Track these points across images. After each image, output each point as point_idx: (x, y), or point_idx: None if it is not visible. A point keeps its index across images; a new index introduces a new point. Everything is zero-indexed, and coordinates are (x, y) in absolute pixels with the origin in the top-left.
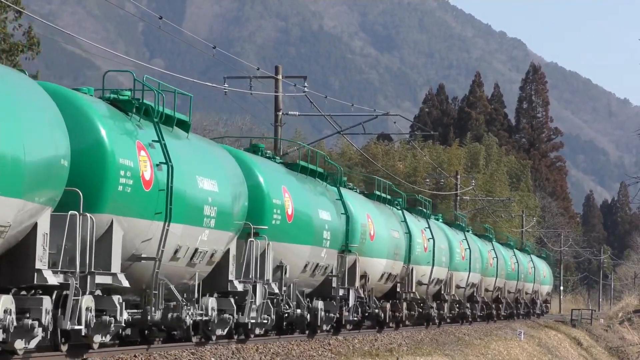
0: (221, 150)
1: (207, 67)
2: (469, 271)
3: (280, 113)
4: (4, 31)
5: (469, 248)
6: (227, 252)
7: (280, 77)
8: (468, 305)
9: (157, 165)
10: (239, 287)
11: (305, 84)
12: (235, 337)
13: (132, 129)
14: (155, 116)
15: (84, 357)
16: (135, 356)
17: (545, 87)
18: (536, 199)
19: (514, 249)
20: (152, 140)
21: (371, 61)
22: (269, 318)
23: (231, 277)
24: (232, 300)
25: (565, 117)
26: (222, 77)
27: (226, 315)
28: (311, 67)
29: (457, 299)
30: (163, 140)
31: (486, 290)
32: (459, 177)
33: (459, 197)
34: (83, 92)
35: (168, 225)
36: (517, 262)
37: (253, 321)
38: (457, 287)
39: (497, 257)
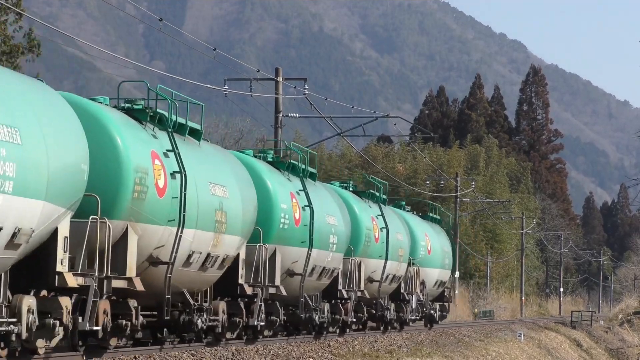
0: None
1: (208, 69)
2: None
3: (281, 115)
4: (5, 33)
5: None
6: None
7: (280, 79)
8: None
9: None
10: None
11: (306, 86)
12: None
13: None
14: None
15: (99, 358)
16: (135, 357)
17: (545, 89)
18: (536, 201)
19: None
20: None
21: (371, 63)
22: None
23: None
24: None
25: (565, 119)
26: (222, 79)
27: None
28: (311, 69)
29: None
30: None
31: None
32: (459, 179)
33: (459, 199)
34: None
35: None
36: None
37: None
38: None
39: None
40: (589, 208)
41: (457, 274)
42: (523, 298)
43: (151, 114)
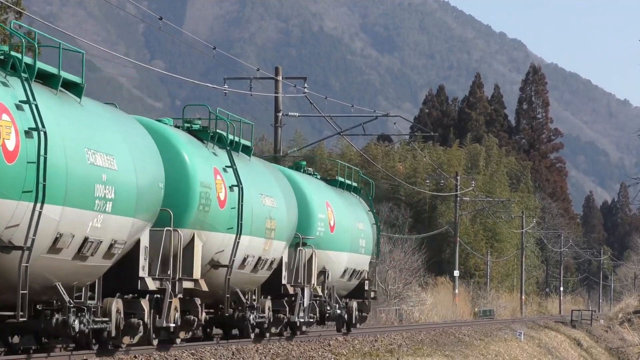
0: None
1: (208, 68)
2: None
3: (280, 114)
4: (5, 32)
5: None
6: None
7: (280, 78)
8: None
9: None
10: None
11: (306, 85)
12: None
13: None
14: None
15: (85, 358)
16: (135, 357)
17: (545, 88)
18: (536, 200)
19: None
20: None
21: (371, 62)
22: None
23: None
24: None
25: (565, 118)
26: (222, 78)
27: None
28: (311, 68)
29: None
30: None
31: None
32: (459, 178)
33: (459, 198)
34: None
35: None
36: None
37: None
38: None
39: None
40: (589, 207)
41: (456, 273)
42: (523, 297)
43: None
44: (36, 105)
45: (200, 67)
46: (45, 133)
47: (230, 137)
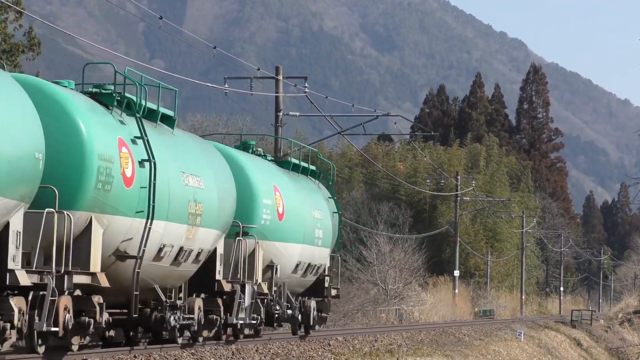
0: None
1: (208, 67)
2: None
3: (281, 113)
4: (5, 31)
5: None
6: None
7: (280, 77)
8: None
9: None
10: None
11: (306, 85)
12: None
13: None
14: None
15: (85, 358)
16: (135, 357)
17: (545, 87)
18: (536, 200)
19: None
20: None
21: (371, 62)
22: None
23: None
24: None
25: (565, 118)
26: (222, 77)
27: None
28: (311, 68)
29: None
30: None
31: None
32: (459, 177)
33: (459, 198)
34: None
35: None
36: None
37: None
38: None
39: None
40: (589, 207)
41: (457, 273)
42: (523, 297)
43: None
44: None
45: (201, 66)
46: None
47: (145, 103)
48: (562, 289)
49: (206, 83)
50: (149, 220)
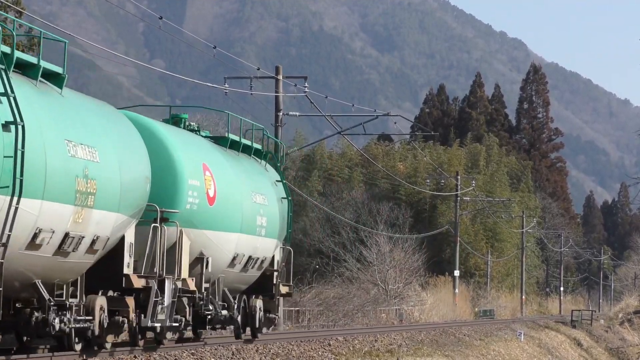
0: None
1: (208, 67)
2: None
3: (281, 113)
4: (5, 31)
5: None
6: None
7: (280, 77)
8: None
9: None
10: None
11: (306, 85)
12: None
13: None
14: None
15: (84, 357)
16: (135, 357)
17: (545, 87)
18: (536, 200)
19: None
20: None
21: (371, 62)
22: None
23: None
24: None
25: (565, 118)
26: (222, 77)
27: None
28: (311, 68)
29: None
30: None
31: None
32: (459, 177)
33: (459, 198)
34: None
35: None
36: None
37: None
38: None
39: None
40: (589, 207)
41: (457, 273)
42: (523, 297)
43: None
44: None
45: (200, 66)
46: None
47: (12, 53)
48: (562, 289)
49: (206, 83)
50: (15, 198)
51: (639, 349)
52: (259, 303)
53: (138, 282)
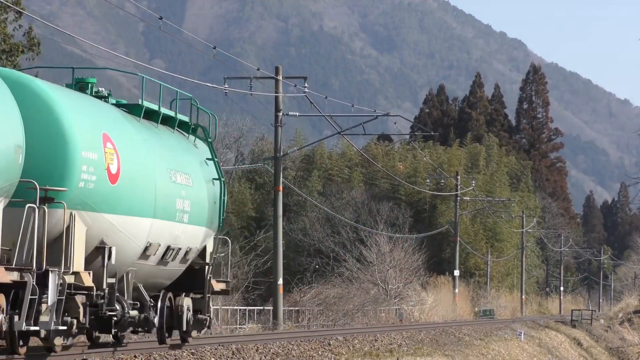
0: None
1: (208, 67)
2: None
3: (281, 113)
4: (5, 32)
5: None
6: None
7: (280, 77)
8: None
9: None
10: (6, 277)
11: (306, 85)
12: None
13: None
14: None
15: (85, 358)
16: (135, 356)
17: (545, 87)
18: (536, 200)
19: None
20: None
21: (371, 62)
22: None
23: None
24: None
25: (565, 118)
26: (222, 77)
27: None
28: (311, 68)
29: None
30: None
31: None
32: (459, 177)
33: (459, 198)
34: None
35: None
36: None
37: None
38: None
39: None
40: (589, 207)
41: (457, 273)
42: (523, 297)
43: None
44: None
45: (200, 66)
46: None
47: None
48: (562, 288)
49: (206, 83)
50: None
51: (639, 349)
52: (187, 302)
53: (5, 276)
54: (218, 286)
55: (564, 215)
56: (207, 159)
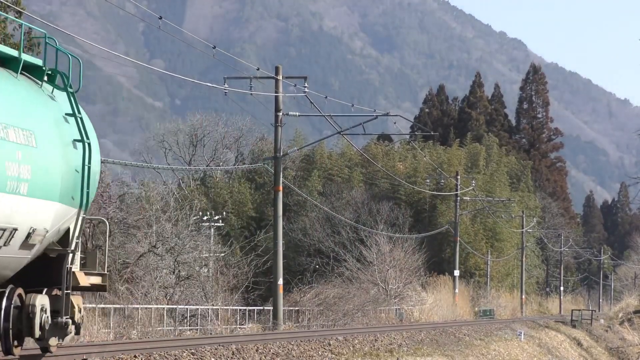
0: None
1: (207, 67)
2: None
3: (281, 113)
4: (4, 31)
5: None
6: None
7: (280, 77)
8: None
9: None
10: None
11: (306, 85)
12: None
13: None
14: None
15: (85, 358)
16: (135, 356)
17: (545, 87)
18: (536, 200)
19: None
20: None
21: (371, 61)
22: None
23: None
24: None
25: (565, 118)
26: (222, 77)
27: None
28: (311, 68)
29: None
30: None
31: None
32: (459, 177)
33: (459, 198)
34: None
35: None
36: None
37: None
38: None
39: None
40: (589, 207)
41: (457, 273)
42: (523, 297)
43: None
44: None
45: (200, 66)
46: None
47: None
48: (562, 288)
49: (206, 83)
50: None
51: (639, 349)
52: (40, 300)
53: None
54: (87, 280)
55: (564, 215)
56: (67, 114)
